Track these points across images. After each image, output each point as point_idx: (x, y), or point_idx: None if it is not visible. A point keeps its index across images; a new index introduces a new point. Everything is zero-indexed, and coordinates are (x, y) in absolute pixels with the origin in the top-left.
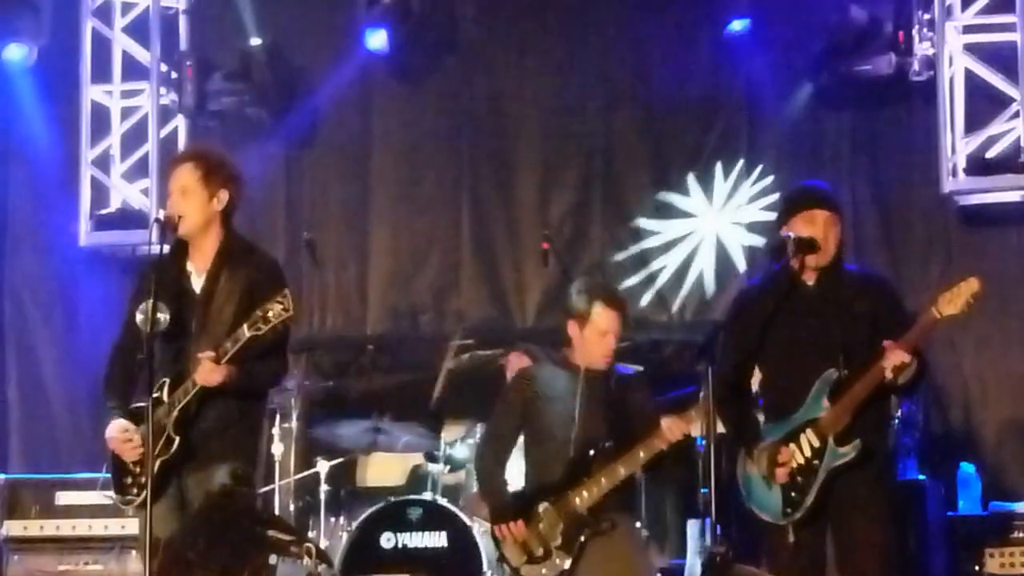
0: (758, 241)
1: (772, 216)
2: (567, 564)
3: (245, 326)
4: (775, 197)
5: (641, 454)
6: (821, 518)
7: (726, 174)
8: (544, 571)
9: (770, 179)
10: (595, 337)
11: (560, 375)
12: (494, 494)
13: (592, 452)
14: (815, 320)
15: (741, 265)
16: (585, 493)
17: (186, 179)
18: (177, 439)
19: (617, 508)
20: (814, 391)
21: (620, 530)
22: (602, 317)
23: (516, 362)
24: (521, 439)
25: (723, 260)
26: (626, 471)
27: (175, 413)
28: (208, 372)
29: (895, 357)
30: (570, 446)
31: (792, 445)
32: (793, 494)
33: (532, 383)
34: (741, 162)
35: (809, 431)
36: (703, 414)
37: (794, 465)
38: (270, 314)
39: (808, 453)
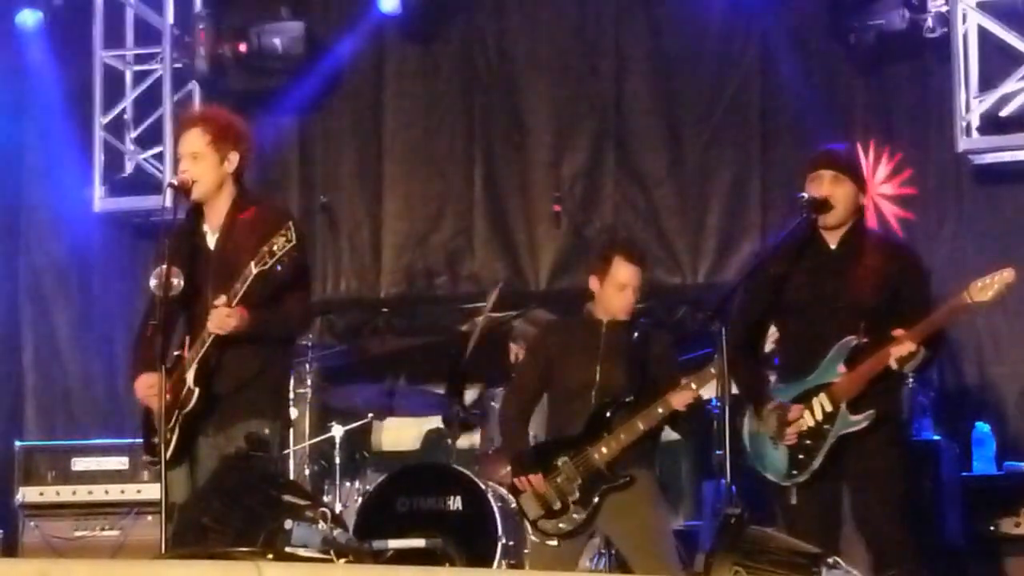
0: None
1: None
2: (584, 518)
3: (252, 263)
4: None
5: (659, 410)
6: (836, 478)
7: None
8: (561, 525)
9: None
10: (614, 291)
11: (581, 330)
12: (515, 447)
13: (612, 407)
14: (836, 283)
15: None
16: (604, 448)
17: (196, 143)
18: (197, 390)
19: (636, 463)
20: (831, 356)
21: (638, 485)
22: (620, 270)
23: (517, 351)
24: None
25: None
26: (644, 426)
27: (194, 365)
28: (221, 318)
29: (902, 348)
30: (591, 400)
31: (803, 406)
32: (800, 456)
33: (555, 338)
34: None
35: (823, 395)
36: (717, 375)
37: (804, 427)
38: (275, 247)
39: (820, 417)
